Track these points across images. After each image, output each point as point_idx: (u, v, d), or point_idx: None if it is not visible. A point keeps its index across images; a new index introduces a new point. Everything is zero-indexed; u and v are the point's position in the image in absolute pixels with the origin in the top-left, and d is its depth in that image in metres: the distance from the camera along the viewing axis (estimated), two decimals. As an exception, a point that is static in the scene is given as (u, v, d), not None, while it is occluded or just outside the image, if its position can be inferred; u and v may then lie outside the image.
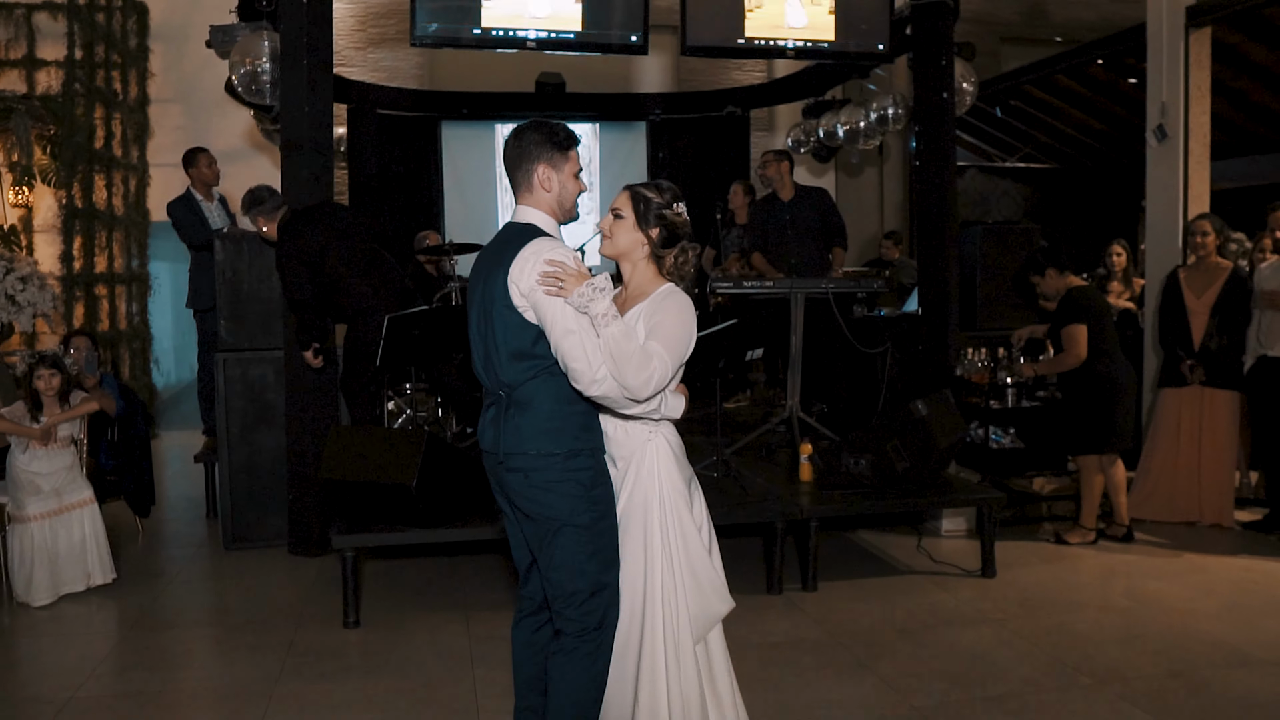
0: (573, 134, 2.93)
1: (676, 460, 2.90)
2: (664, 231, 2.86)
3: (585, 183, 2.98)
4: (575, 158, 2.92)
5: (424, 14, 5.42)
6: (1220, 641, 4.33)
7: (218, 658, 4.47)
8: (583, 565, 2.80)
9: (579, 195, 2.94)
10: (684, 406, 2.91)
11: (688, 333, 2.79)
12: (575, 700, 2.83)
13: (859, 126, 9.00)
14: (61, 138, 9.07)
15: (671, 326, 2.77)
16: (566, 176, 2.89)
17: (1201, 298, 6.09)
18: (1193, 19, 6.75)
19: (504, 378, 2.81)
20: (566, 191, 2.89)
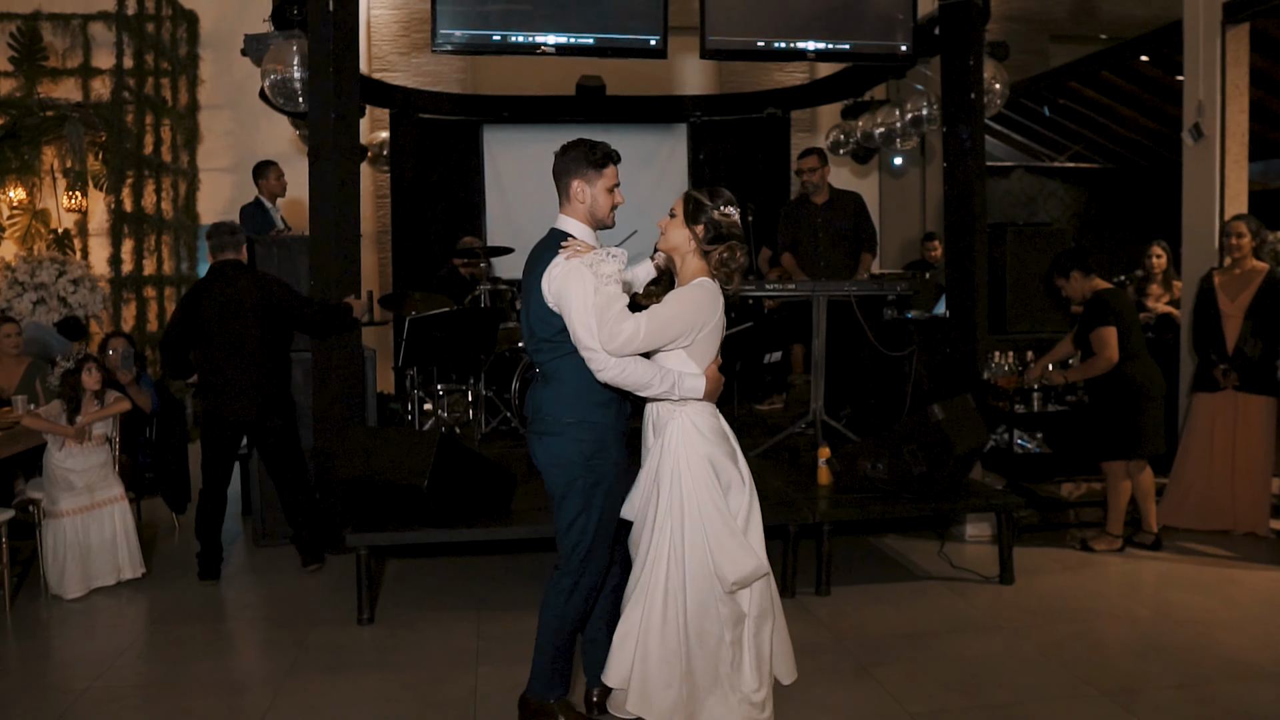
0: (610, 153, 3.33)
1: (701, 437, 3.21)
2: (709, 229, 3.19)
3: (621, 196, 3.35)
4: (610, 174, 3.31)
5: (445, 21, 5.49)
6: (1236, 655, 4.23)
7: (233, 651, 4.59)
8: (573, 520, 3.33)
9: (614, 207, 3.34)
10: (707, 389, 3.20)
11: (684, 315, 3.13)
12: (547, 622, 3.41)
13: (895, 127, 8.94)
14: (111, 144, 9.32)
15: (668, 305, 3.15)
16: (599, 190, 3.30)
17: (1236, 301, 5.96)
18: (1229, 15, 6.59)
19: (537, 356, 3.33)
20: (598, 203, 3.32)
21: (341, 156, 5.78)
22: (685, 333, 3.14)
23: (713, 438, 3.23)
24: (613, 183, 3.32)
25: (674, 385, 3.16)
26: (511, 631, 4.56)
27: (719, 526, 3.18)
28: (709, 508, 3.18)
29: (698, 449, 3.21)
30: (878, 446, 5.26)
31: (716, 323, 3.19)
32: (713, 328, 3.18)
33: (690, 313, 3.13)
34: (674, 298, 3.17)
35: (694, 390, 3.17)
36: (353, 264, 5.82)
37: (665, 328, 3.10)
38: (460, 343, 6.31)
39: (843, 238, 7.06)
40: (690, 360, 3.20)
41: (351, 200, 5.84)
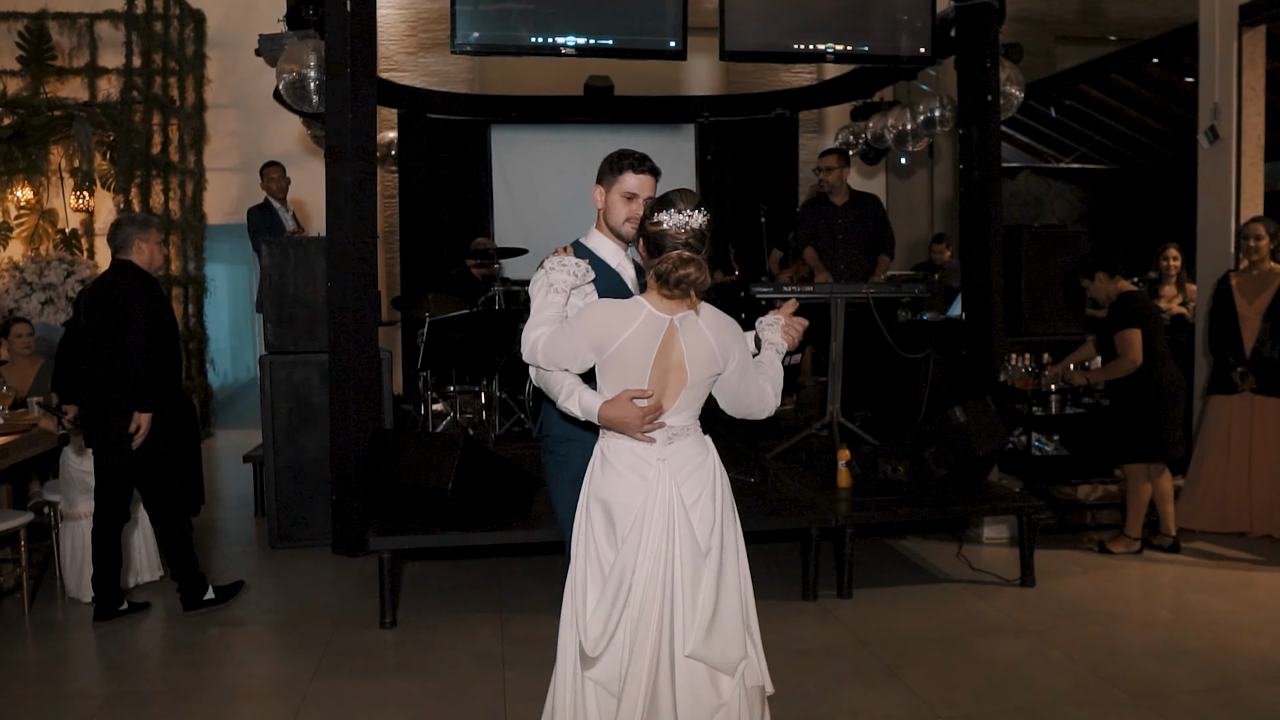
0: (631, 159, 3.12)
1: (603, 471, 2.83)
2: (647, 244, 2.81)
3: (638, 208, 3.05)
4: (628, 181, 3.09)
5: (464, 22, 5.48)
6: (1263, 657, 4.24)
7: (256, 655, 4.57)
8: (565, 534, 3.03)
9: (627, 215, 3.10)
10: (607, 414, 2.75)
11: (578, 331, 2.77)
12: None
13: (906, 129, 8.94)
14: (119, 144, 9.29)
15: (572, 319, 2.83)
16: (614, 196, 3.12)
17: (1253, 303, 5.96)
18: (1245, 18, 6.60)
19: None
20: (612, 210, 3.13)
21: (358, 157, 5.76)
22: (582, 350, 2.77)
23: (611, 474, 2.80)
24: (630, 191, 3.08)
25: (570, 398, 2.83)
26: (536, 635, 4.54)
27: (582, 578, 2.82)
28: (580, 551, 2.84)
29: (593, 482, 2.85)
30: (898, 449, 5.25)
31: (624, 344, 2.73)
32: (617, 350, 2.74)
33: (586, 326, 2.77)
34: (578, 312, 2.84)
35: (588, 410, 2.78)
36: (369, 264, 5.80)
37: (558, 341, 2.79)
38: (479, 344, 6.30)
39: (861, 239, 7.06)
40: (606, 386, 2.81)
41: (369, 200, 5.81)
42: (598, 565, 2.79)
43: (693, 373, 2.78)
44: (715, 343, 2.80)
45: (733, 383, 2.87)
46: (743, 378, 2.87)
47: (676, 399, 2.79)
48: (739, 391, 2.89)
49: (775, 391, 2.96)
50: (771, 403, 2.95)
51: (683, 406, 2.82)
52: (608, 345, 2.74)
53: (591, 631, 2.75)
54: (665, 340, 2.76)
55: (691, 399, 2.82)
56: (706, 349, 2.79)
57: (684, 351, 2.77)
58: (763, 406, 2.94)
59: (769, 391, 2.93)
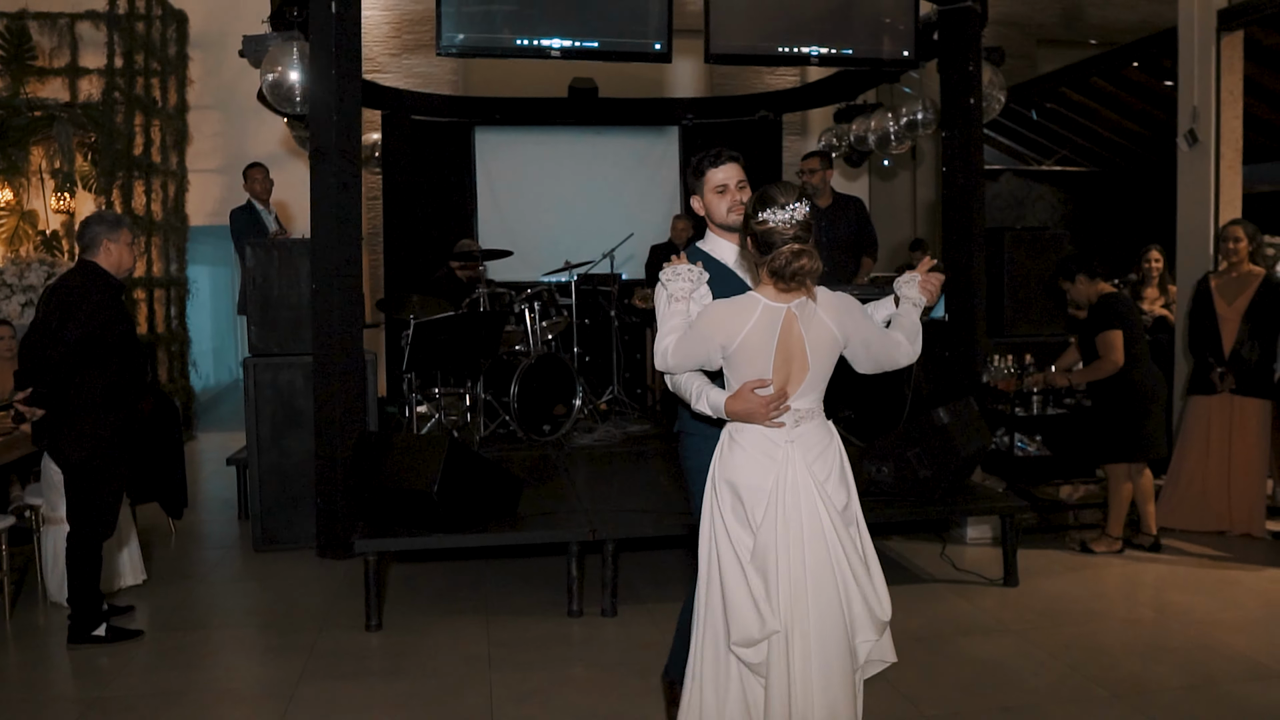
0: (706, 157, 3.26)
1: (718, 462, 2.96)
2: (756, 243, 2.89)
3: (737, 191, 3.22)
4: (713, 176, 3.23)
5: (449, 24, 5.48)
6: (1243, 655, 4.28)
7: (241, 658, 4.56)
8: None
9: (728, 205, 3.22)
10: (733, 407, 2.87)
11: (700, 333, 2.91)
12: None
13: (889, 131, 8.98)
14: (101, 145, 9.25)
15: (695, 322, 2.96)
16: (709, 196, 3.26)
17: (1233, 305, 6.02)
18: (1224, 22, 6.67)
19: None
20: (713, 209, 3.26)
21: (343, 159, 5.75)
22: (709, 351, 2.90)
23: (740, 457, 2.90)
24: (720, 184, 3.22)
25: (700, 399, 2.95)
26: (523, 637, 4.56)
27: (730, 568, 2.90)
28: (721, 539, 2.93)
29: (720, 463, 2.96)
30: (882, 450, 5.28)
31: (746, 339, 2.84)
32: (740, 346, 2.85)
33: (707, 329, 2.89)
34: (697, 316, 2.97)
35: (715, 407, 2.91)
36: (354, 266, 5.80)
37: (686, 346, 2.93)
38: (464, 346, 6.30)
39: (844, 242, 7.08)
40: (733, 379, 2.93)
41: (353, 202, 5.81)
42: (732, 549, 2.89)
43: (814, 357, 2.89)
44: (835, 326, 2.91)
45: (860, 352, 3.01)
46: (869, 346, 3.01)
47: (801, 384, 2.89)
48: (871, 355, 3.03)
49: (911, 341, 3.09)
50: (907, 350, 3.08)
51: (808, 390, 2.92)
52: (731, 342, 2.86)
53: (745, 616, 2.83)
54: (784, 329, 2.86)
55: (815, 382, 2.93)
56: (827, 334, 2.90)
57: (804, 338, 2.87)
58: (896, 358, 3.07)
59: (902, 341, 3.07)
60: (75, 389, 4.41)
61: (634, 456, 6.73)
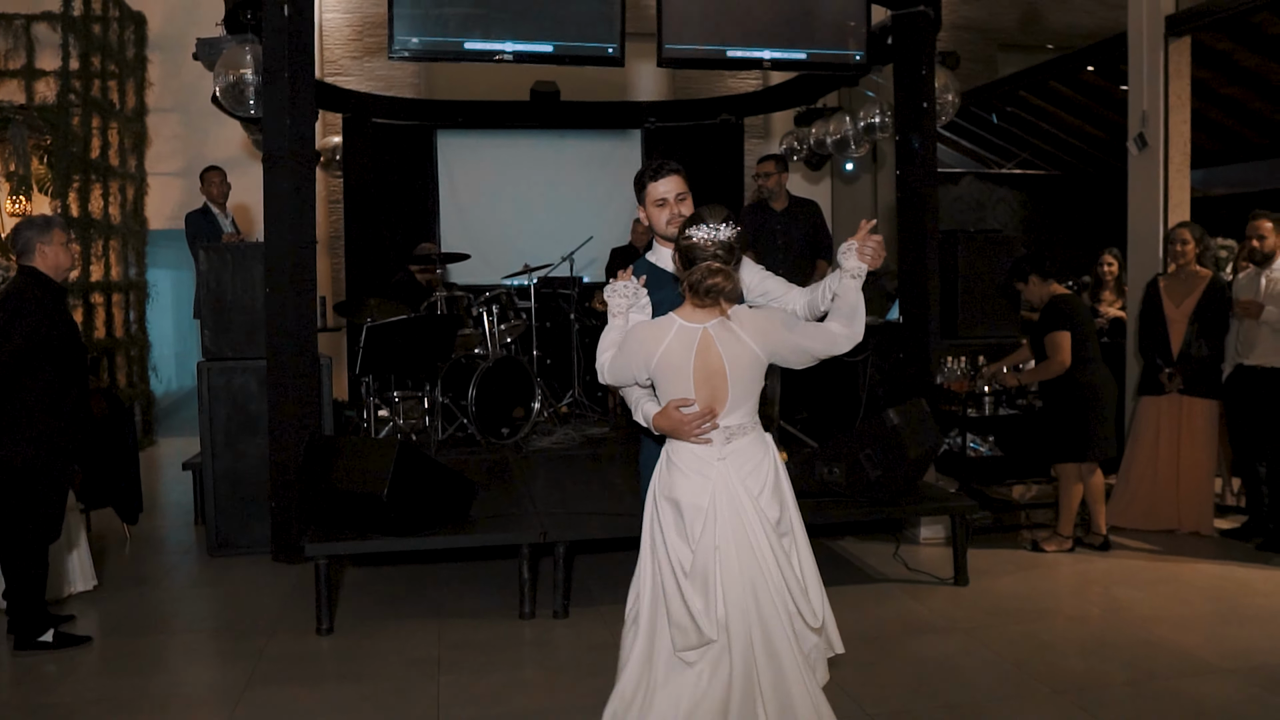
0: (645, 172, 3.34)
1: (658, 480, 3.04)
2: (682, 257, 2.98)
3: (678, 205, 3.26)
4: (653, 189, 3.28)
5: (402, 26, 5.48)
6: (1185, 651, 4.34)
7: (190, 663, 4.54)
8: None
9: (667, 218, 3.27)
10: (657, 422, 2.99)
11: (624, 352, 3.02)
12: None
13: (848, 135, 9.05)
14: (56, 148, 9.16)
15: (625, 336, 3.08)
16: (650, 208, 3.31)
17: (1180, 306, 6.10)
18: (1172, 28, 6.77)
19: None
20: (654, 220, 3.32)
21: (296, 162, 5.73)
22: (634, 370, 3.00)
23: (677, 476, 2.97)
24: (660, 197, 3.27)
25: (637, 410, 3.08)
26: (473, 640, 4.56)
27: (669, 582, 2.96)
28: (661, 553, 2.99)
29: (660, 481, 3.03)
30: (834, 451, 5.32)
31: (662, 359, 2.93)
32: (657, 366, 2.94)
33: (631, 348, 3.00)
34: (627, 333, 3.07)
35: (646, 418, 3.03)
36: (308, 270, 5.78)
37: (618, 362, 3.04)
38: (418, 349, 6.30)
39: (800, 245, 7.14)
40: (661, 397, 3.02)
41: (307, 206, 5.79)
42: (670, 564, 2.95)
43: (734, 376, 2.94)
44: (755, 344, 2.96)
45: (793, 357, 3.05)
46: (799, 350, 3.02)
47: (726, 401, 2.94)
48: (803, 356, 3.05)
49: (849, 324, 3.03)
50: (844, 337, 3.04)
51: (734, 407, 2.96)
52: (650, 361, 2.96)
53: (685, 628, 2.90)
54: (701, 348, 2.93)
55: (741, 399, 2.97)
56: (747, 353, 2.95)
57: (722, 356, 2.93)
58: (832, 349, 3.05)
59: (836, 332, 3.03)
60: (17, 392, 4.37)
61: (592, 459, 6.74)
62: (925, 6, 6.41)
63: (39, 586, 4.57)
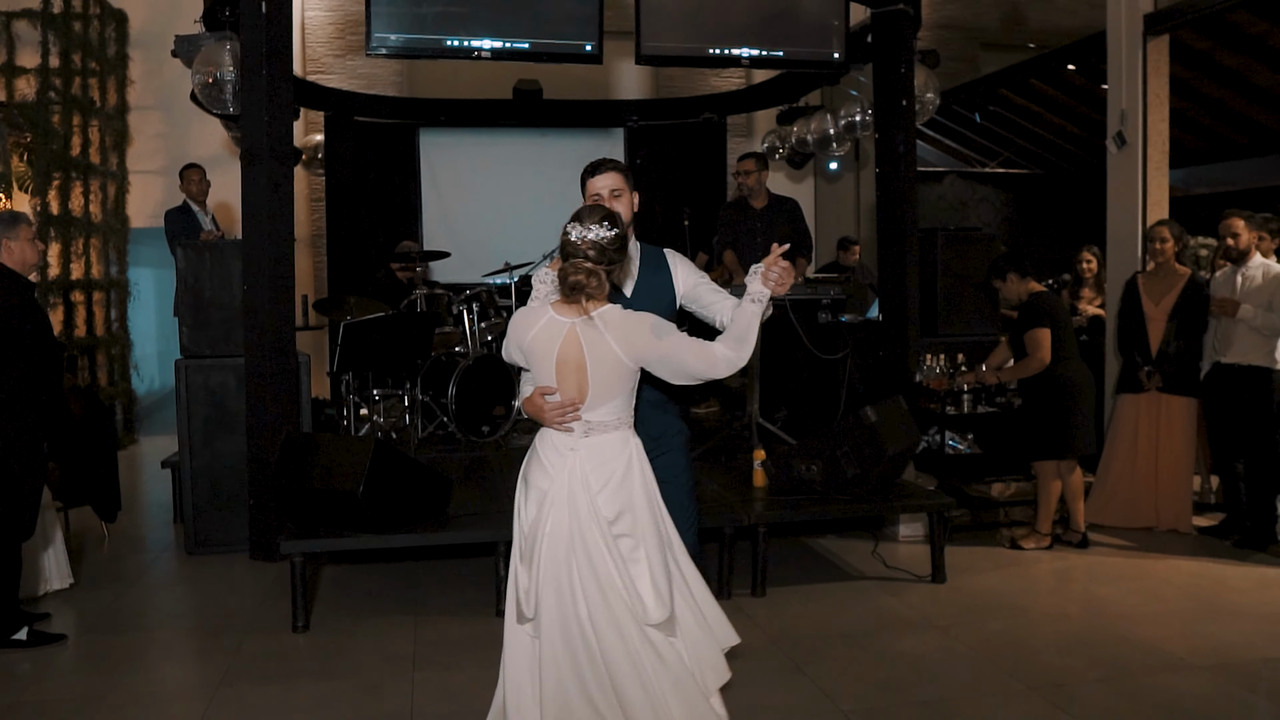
0: (589, 167, 3.46)
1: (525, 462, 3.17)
2: (561, 251, 3.07)
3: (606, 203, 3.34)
4: (590, 187, 3.41)
5: (380, 23, 5.46)
6: (1158, 647, 4.36)
7: (165, 661, 4.52)
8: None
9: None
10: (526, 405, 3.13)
11: (510, 328, 3.15)
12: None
13: (829, 133, 9.06)
14: (36, 145, 9.12)
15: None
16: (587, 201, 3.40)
17: (1159, 304, 6.12)
18: (1150, 27, 6.79)
19: None
20: None
21: (274, 160, 5.71)
22: (512, 352, 3.14)
23: (535, 460, 3.10)
24: (593, 193, 3.39)
25: (520, 394, 3.22)
26: (448, 637, 4.56)
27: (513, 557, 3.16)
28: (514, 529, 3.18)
29: (526, 461, 3.18)
30: (812, 449, 5.32)
31: (530, 346, 3.04)
32: (526, 350, 3.06)
33: (511, 330, 3.13)
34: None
35: (520, 404, 3.21)
36: (286, 267, 5.76)
37: (505, 345, 3.18)
38: (396, 347, 6.29)
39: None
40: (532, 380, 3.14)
41: (285, 204, 5.77)
42: (516, 541, 3.12)
43: (595, 374, 3.00)
44: (618, 346, 2.98)
45: (662, 369, 3.03)
46: (668, 362, 3.01)
47: (587, 397, 3.00)
48: (674, 370, 3.03)
49: (735, 346, 3.03)
50: (725, 360, 3.02)
51: (596, 403, 3.02)
52: (521, 346, 3.07)
53: (519, 592, 3.07)
54: (565, 343, 3.00)
55: (603, 396, 3.01)
56: (609, 353, 2.98)
57: (585, 353, 2.99)
58: (708, 370, 3.02)
59: (716, 354, 3.02)
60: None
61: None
62: (905, 5, 6.41)
63: (12, 584, 4.54)
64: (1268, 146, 9.58)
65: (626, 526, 3.02)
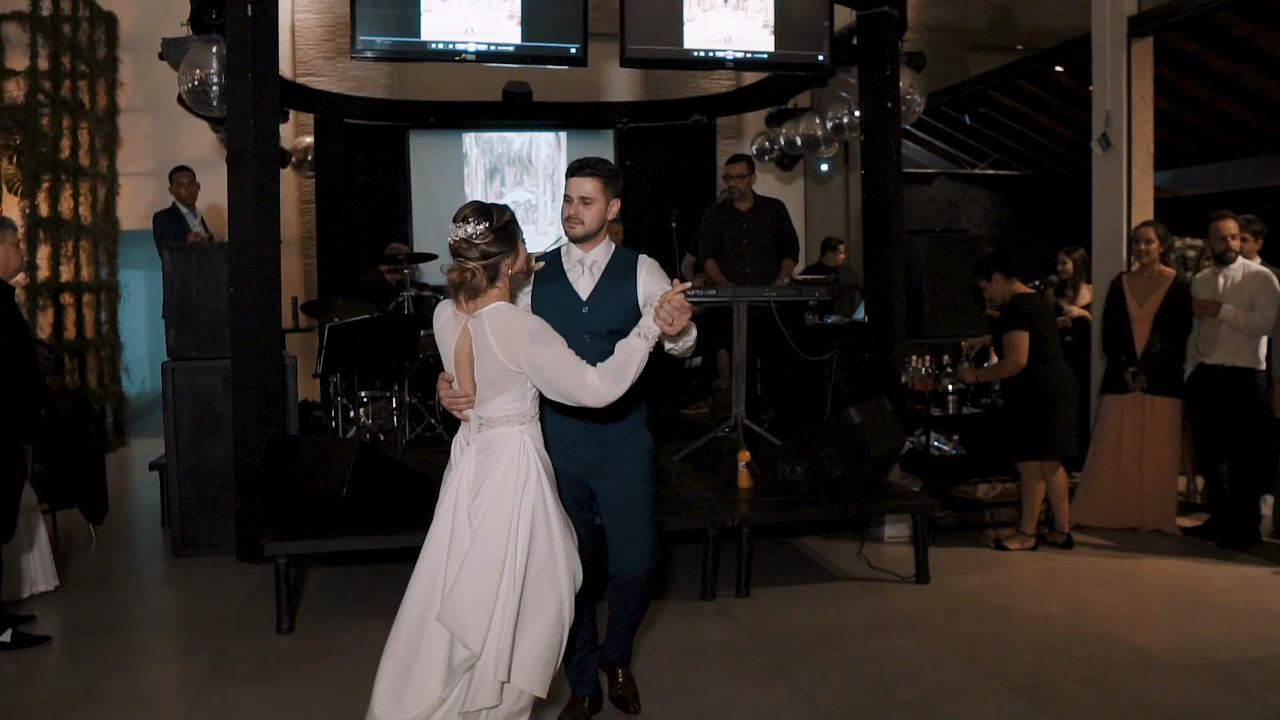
0: (571, 166, 3.44)
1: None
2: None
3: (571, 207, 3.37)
4: (568, 186, 3.39)
5: (364, 26, 5.47)
6: (1141, 648, 4.38)
7: (148, 663, 4.52)
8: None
9: (566, 213, 3.40)
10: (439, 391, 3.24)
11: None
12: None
13: (817, 135, 9.08)
14: (25, 147, 9.11)
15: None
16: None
17: (1144, 305, 6.14)
18: (1134, 29, 6.82)
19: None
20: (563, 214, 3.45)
21: (260, 162, 5.72)
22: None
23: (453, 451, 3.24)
24: (568, 194, 3.39)
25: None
26: (432, 638, 4.56)
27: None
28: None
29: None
30: (796, 450, 5.33)
31: (436, 336, 3.21)
32: (436, 341, 3.22)
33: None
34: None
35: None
36: (272, 269, 5.76)
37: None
38: (382, 349, 6.29)
39: (766, 244, 7.15)
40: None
41: (271, 206, 5.77)
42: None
43: (478, 369, 3.08)
44: (495, 343, 3.00)
45: (535, 377, 3.01)
46: (541, 372, 2.97)
47: (476, 391, 3.11)
48: (545, 381, 2.99)
49: (607, 378, 2.93)
50: (592, 389, 2.93)
51: (484, 399, 3.10)
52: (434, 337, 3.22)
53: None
54: (460, 337, 3.11)
55: (488, 393, 3.07)
56: (489, 350, 3.02)
57: (472, 349, 3.08)
58: (574, 394, 2.95)
59: (587, 379, 2.93)
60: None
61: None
62: (890, 7, 6.43)
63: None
64: (1255, 148, 9.62)
65: (487, 526, 3.01)
